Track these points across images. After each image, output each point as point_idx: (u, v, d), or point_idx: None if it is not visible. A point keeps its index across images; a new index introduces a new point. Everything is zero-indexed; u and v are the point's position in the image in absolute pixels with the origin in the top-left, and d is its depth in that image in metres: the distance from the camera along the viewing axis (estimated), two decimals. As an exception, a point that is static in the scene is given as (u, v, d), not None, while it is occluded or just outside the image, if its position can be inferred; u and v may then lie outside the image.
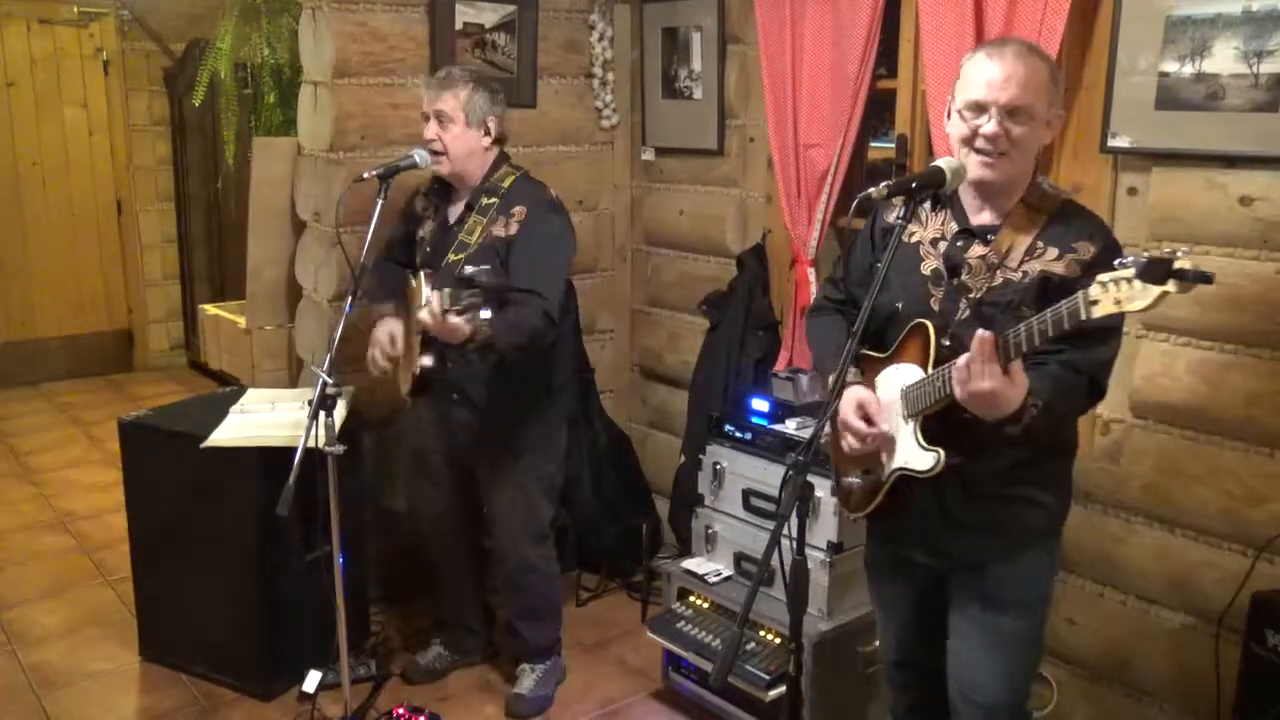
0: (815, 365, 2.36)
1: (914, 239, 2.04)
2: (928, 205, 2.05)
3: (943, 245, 1.99)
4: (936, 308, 1.97)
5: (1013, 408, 1.76)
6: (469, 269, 2.46)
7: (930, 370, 1.90)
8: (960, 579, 2.07)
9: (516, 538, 2.97)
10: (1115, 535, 2.61)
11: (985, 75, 1.86)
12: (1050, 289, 1.85)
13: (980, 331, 1.73)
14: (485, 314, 2.40)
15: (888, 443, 2.00)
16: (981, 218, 1.97)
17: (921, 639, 2.20)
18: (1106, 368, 1.91)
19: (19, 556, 4.06)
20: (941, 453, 1.90)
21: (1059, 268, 1.87)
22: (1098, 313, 1.59)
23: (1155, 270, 1.52)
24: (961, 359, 1.76)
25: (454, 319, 2.40)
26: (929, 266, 2.00)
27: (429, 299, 2.44)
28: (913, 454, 1.94)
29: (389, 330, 2.87)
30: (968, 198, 2.00)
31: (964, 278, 1.94)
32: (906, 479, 1.97)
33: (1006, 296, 1.89)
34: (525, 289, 2.65)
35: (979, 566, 2.03)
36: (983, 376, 1.72)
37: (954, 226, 1.99)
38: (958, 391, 1.77)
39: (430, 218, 2.93)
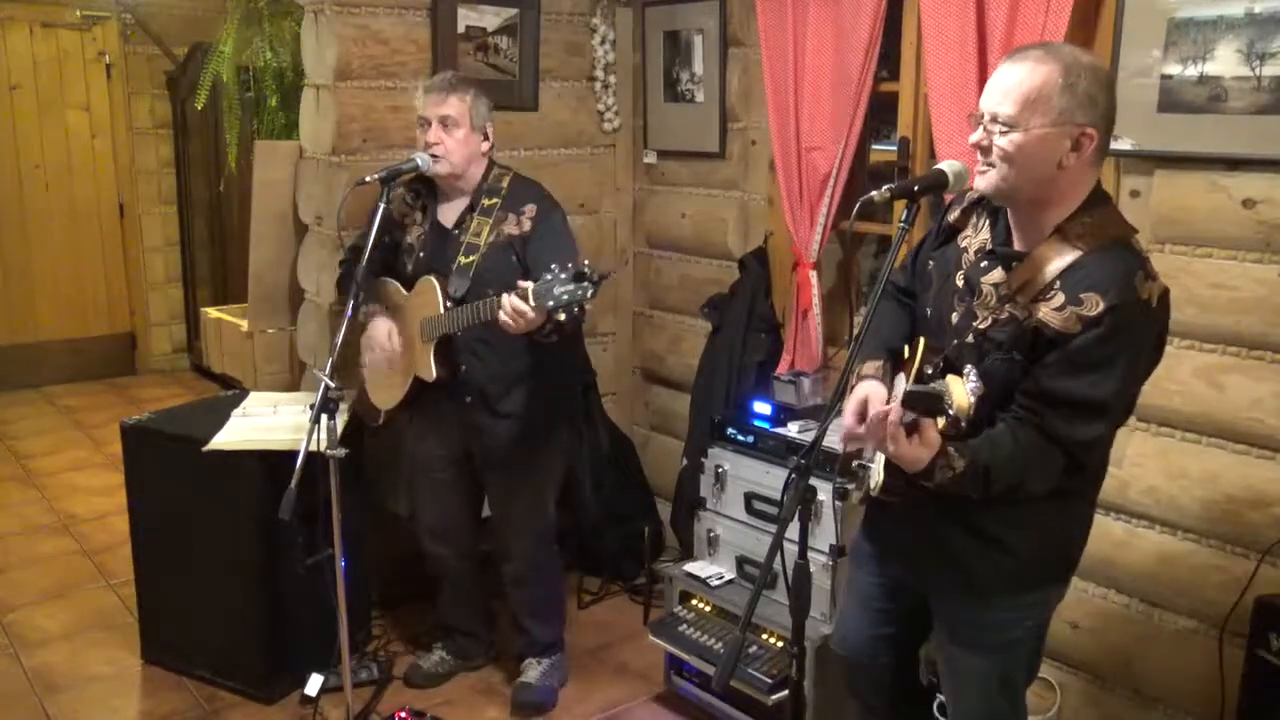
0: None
1: (963, 243, 1.92)
2: (984, 212, 1.91)
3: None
4: (955, 322, 1.86)
5: (916, 467, 1.71)
6: (586, 263, 2.39)
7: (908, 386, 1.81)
8: (936, 605, 2.02)
9: (528, 536, 3.00)
10: (1119, 539, 2.60)
11: (991, 79, 1.80)
12: (1042, 343, 1.71)
13: (895, 405, 1.66)
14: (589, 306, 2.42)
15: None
16: (1016, 241, 1.83)
17: (872, 635, 2.16)
18: (1086, 447, 1.76)
19: (21, 559, 4.06)
20: (880, 479, 1.83)
21: (1056, 320, 1.69)
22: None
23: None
24: (882, 410, 1.70)
25: (549, 309, 2.36)
26: (961, 278, 1.88)
27: (525, 290, 2.38)
28: (877, 468, 1.87)
29: (387, 327, 2.86)
30: (1010, 216, 1.85)
31: (975, 303, 1.83)
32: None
33: (1003, 336, 1.76)
34: None
35: (948, 596, 1.98)
36: (883, 437, 1.70)
37: (988, 244, 1.87)
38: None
39: (416, 224, 2.91)
